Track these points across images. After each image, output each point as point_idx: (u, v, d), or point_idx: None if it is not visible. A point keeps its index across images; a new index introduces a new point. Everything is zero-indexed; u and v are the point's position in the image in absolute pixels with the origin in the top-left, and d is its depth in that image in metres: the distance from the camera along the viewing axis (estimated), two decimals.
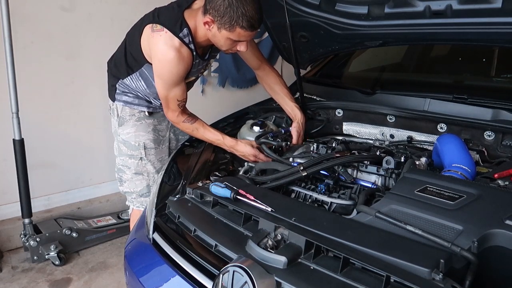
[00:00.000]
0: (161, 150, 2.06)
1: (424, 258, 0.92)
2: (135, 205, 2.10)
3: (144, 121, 1.99)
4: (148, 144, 1.99)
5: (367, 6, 1.62)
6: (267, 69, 2.00)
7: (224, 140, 1.77)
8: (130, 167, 2.02)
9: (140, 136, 1.98)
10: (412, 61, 2.45)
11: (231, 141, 1.76)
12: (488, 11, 1.35)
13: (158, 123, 2.04)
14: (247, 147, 1.72)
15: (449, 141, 1.43)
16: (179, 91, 1.74)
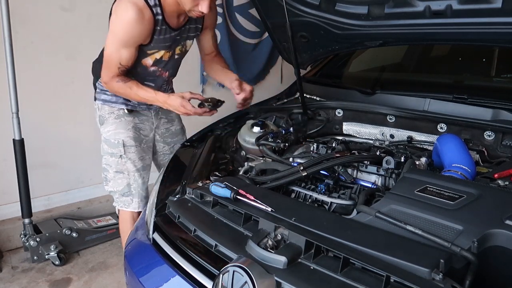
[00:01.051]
0: (142, 149, 2.05)
1: (424, 258, 0.92)
2: (119, 205, 2.10)
3: (124, 119, 1.99)
4: (127, 142, 1.99)
5: (367, 6, 1.62)
6: (218, 56, 2.11)
7: (157, 96, 1.78)
8: (111, 165, 2.02)
9: (120, 134, 1.98)
10: (412, 61, 2.45)
11: (163, 96, 1.78)
12: (488, 11, 1.35)
13: (139, 121, 2.04)
14: (177, 99, 1.73)
15: (449, 141, 1.43)
16: (127, 54, 1.73)
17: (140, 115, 2.05)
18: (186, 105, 1.72)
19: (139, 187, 2.06)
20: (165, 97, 1.77)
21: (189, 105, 1.72)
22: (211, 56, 2.10)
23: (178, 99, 1.73)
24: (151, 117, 2.09)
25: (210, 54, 2.09)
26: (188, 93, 1.75)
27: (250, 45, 3.67)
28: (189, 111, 1.72)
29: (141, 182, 2.07)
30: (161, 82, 2.00)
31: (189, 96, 1.74)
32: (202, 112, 1.74)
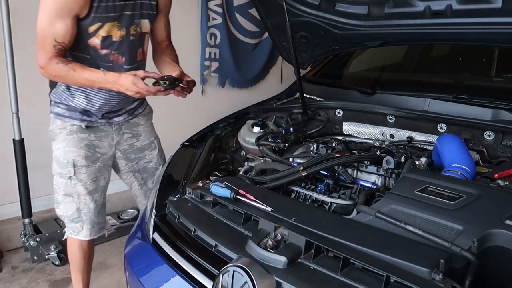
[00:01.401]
0: (97, 169, 1.81)
1: (424, 258, 0.92)
2: (69, 232, 1.86)
3: (77, 135, 1.74)
4: (78, 161, 1.74)
5: (367, 6, 1.62)
6: (169, 46, 1.89)
7: (106, 76, 1.53)
8: (60, 187, 1.78)
9: (70, 152, 1.74)
10: (412, 61, 2.45)
11: (114, 76, 1.53)
12: (488, 11, 1.35)
13: (96, 138, 1.79)
14: (129, 77, 1.51)
15: (449, 141, 1.43)
16: (62, 29, 1.50)
17: (98, 131, 1.79)
18: (138, 83, 1.50)
19: (90, 212, 1.82)
20: (116, 76, 1.52)
21: (140, 83, 1.50)
22: (162, 46, 1.87)
23: (130, 77, 1.50)
24: (112, 132, 1.83)
25: (162, 43, 1.87)
26: (141, 71, 1.55)
27: (250, 45, 3.67)
28: (140, 89, 1.50)
29: (93, 206, 1.82)
30: (119, 70, 1.66)
31: (143, 74, 1.53)
32: (156, 90, 1.52)
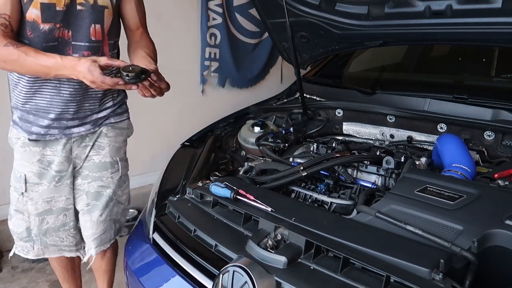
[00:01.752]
0: (51, 189, 1.56)
1: (424, 258, 0.92)
2: (17, 249, 1.65)
3: (29, 148, 1.52)
4: (30, 178, 1.53)
5: (367, 6, 1.62)
6: (144, 36, 1.61)
7: (63, 61, 1.29)
8: (13, 201, 1.59)
9: (23, 166, 1.54)
10: (412, 61, 2.45)
11: (72, 60, 1.28)
12: (488, 11, 1.35)
13: (51, 153, 1.53)
14: (86, 63, 1.26)
15: (449, 141, 1.43)
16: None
17: (53, 144, 1.53)
18: (93, 71, 1.24)
19: (41, 233, 1.60)
20: (74, 61, 1.28)
21: (96, 71, 1.25)
22: (136, 35, 1.60)
23: (87, 62, 1.26)
24: (70, 145, 1.55)
25: (135, 32, 1.60)
26: (104, 58, 1.30)
27: (250, 45, 3.67)
28: (95, 78, 1.25)
29: (45, 228, 1.60)
30: (66, 49, 1.41)
31: (104, 61, 1.28)
32: (113, 83, 1.26)
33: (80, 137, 1.56)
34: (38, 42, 1.35)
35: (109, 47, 1.51)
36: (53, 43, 1.38)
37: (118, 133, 1.65)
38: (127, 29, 1.60)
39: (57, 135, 1.51)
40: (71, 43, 1.40)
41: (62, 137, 1.52)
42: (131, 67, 1.28)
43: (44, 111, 1.47)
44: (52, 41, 1.37)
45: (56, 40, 1.38)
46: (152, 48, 1.58)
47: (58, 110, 1.47)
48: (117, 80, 1.25)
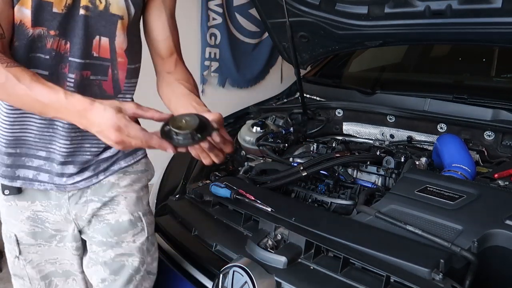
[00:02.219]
0: (54, 249, 1.14)
1: (424, 258, 0.93)
2: None
3: (14, 203, 1.09)
4: (22, 239, 1.12)
5: (367, 6, 1.62)
6: (180, 65, 1.16)
7: (68, 99, 0.85)
8: (9, 264, 1.19)
9: (11, 225, 1.12)
10: (412, 61, 2.45)
11: (81, 101, 0.85)
12: (488, 11, 1.35)
13: (43, 209, 1.10)
14: (109, 113, 0.83)
15: (449, 141, 1.43)
16: None
17: (42, 197, 1.09)
18: (126, 127, 0.83)
19: None
20: (85, 103, 0.85)
21: (133, 128, 0.83)
22: (170, 63, 1.14)
23: (111, 111, 0.83)
24: (65, 201, 1.09)
25: (168, 59, 1.14)
26: (131, 104, 0.87)
27: (250, 45, 3.67)
28: (132, 139, 0.84)
29: None
30: (60, 66, 0.99)
31: (133, 110, 0.86)
32: (159, 146, 0.85)
33: (78, 191, 1.09)
34: (23, 53, 0.95)
35: (127, 73, 1.05)
36: (43, 55, 0.96)
37: (134, 179, 1.16)
38: (155, 55, 1.14)
39: (46, 184, 1.06)
40: (68, 59, 0.98)
41: (52, 189, 1.06)
42: (184, 119, 0.83)
43: (31, 147, 1.04)
44: (42, 53, 0.96)
45: (48, 53, 0.96)
46: (193, 82, 1.13)
47: (47, 147, 1.04)
48: (165, 144, 0.83)
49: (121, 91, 1.07)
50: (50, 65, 0.97)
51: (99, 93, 1.03)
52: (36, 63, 0.96)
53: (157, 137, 0.83)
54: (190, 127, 0.81)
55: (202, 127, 0.82)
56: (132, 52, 1.07)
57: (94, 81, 1.02)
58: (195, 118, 0.82)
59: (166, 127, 0.83)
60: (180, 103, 1.04)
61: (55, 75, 0.98)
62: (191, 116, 0.84)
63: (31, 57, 0.96)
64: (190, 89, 1.07)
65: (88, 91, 1.01)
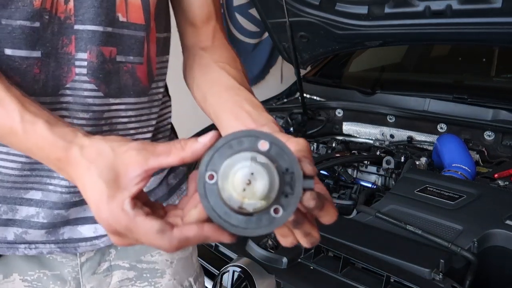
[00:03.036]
0: None
1: (424, 258, 0.92)
2: None
3: None
4: None
5: (367, 6, 1.62)
6: (218, 38, 0.70)
7: (25, 130, 0.44)
8: None
9: None
10: (412, 61, 2.45)
11: (50, 139, 0.44)
12: (488, 11, 1.35)
13: (27, 285, 0.64)
14: (96, 187, 0.40)
15: (449, 141, 1.43)
16: None
17: (29, 266, 0.64)
18: (137, 229, 0.39)
19: None
20: (56, 146, 0.43)
21: (144, 226, 0.39)
22: (206, 34, 0.69)
23: (100, 192, 0.40)
24: (72, 270, 0.66)
25: (204, 28, 0.69)
26: (163, 147, 0.41)
27: (250, 45, 3.67)
28: (144, 241, 0.40)
29: None
30: (62, 49, 0.55)
31: (157, 163, 0.41)
32: (202, 238, 0.39)
33: (97, 251, 0.68)
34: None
35: (158, 47, 0.66)
36: (26, 22, 0.52)
37: None
38: (183, 22, 0.70)
39: (41, 244, 0.62)
40: (74, 28, 0.55)
41: (52, 251, 0.63)
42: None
43: (12, 186, 0.59)
44: (24, 18, 0.52)
45: (35, 17, 0.52)
46: (242, 67, 0.67)
47: (43, 183, 0.60)
48: (216, 235, 0.39)
49: (154, 78, 0.66)
50: (41, 39, 0.53)
51: (131, 85, 0.61)
52: (15, 37, 0.52)
53: (193, 227, 0.39)
54: (263, 189, 0.36)
55: (282, 181, 0.37)
56: (161, 9, 0.65)
57: (124, 65, 0.60)
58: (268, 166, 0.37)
59: (209, 184, 0.38)
60: (222, 107, 0.58)
61: (51, 58, 0.55)
62: None
63: (2, 28, 0.51)
64: (238, 79, 0.61)
65: (115, 82, 0.59)
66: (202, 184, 0.38)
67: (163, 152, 0.41)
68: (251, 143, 0.38)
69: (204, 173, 0.38)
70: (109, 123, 0.61)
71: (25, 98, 0.47)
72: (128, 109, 0.62)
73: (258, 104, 0.56)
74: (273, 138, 0.38)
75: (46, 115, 0.45)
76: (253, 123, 0.52)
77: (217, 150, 0.38)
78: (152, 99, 0.66)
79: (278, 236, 0.45)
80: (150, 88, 0.65)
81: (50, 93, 0.56)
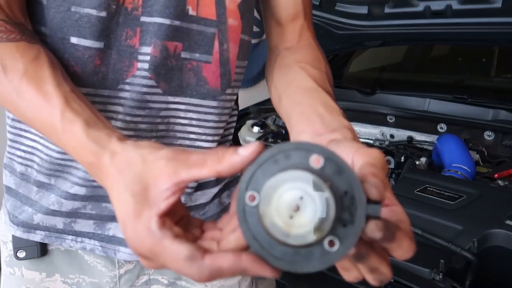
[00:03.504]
0: None
1: (424, 258, 0.92)
2: None
3: (19, 271, 0.64)
4: None
5: (367, 6, 1.62)
6: (305, 36, 0.64)
7: (64, 127, 0.42)
8: None
9: None
10: (412, 61, 2.45)
11: (85, 140, 0.40)
12: (488, 11, 1.35)
13: (63, 280, 0.64)
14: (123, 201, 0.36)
15: (449, 141, 1.43)
16: None
17: (72, 268, 0.64)
18: (164, 251, 0.33)
19: None
20: (89, 147, 0.40)
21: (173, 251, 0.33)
22: (291, 32, 0.64)
23: (128, 205, 0.35)
24: (110, 280, 0.65)
25: (290, 26, 0.64)
26: (195, 156, 0.35)
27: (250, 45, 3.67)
28: (171, 267, 0.34)
29: None
30: (126, 41, 0.53)
31: (189, 176, 0.34)
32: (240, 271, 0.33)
33: (138, 264, 0.66)
34: (55, 10, 0.51)
35: (240, 49, 0.61)
36: (93, 10, 0.51)
37: None
38: (269, 19, 0.67)
39: (88, 240, 0.62)
40: (140, 20, 0.53)
41: (97, 249, 0.62)
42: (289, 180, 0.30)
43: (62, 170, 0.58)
44: (90, 6, 0.50)
45: (101, 7, 0.51)
46: (326, 67, 0.60)
47: None
48: (256, 268, 0.34)
49: (231, 83, 0.61)
50: (105, 30, 0.52)
51: (195, 84, 0.57)
52: (81, 25, 0.51)
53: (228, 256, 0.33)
54: (314, 217, 0.30)
55: (339, 207, 0.30)
56: (249, 7, 0.60)
57: (188, 62, 0.56)
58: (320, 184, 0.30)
59: (250, 206, 0.32)
60: (295, 109, 0.52)
61: (113, 49, 0.53)
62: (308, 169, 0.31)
63: (70, 15, 0.51)
64: (318, 80, 0.55)
65: (176, 80, 0.56)
66: (241, 206, 0.31)
67: (196, 163, 0.35)
68: (301, 158, 0.31)
69: (244, 192, 0.31)
70: (165, 122, 0.58)
71: (72, 94, 0.44)
72: (188, 110, 0.58)
73: (334, 108, 0.50)
74: (329, 152, 0.31)
75: (87, 113, 0.42)
76: (323, 128, 0.46)
77: (260, 166, 0.32)
78: (224, 105, 0.61)
79: (339, 268, 0.38)
80: (224, 93, 0.60)
81: (108, 86, 0.54)
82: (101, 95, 0.54)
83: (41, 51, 0.47)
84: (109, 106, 0.54)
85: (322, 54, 0.63)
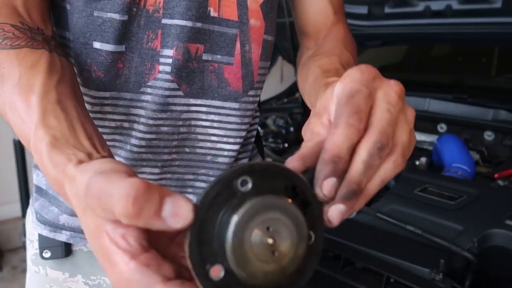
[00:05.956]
0: None
1: (424, 258, 0.92)
2: None
3: (43, 270, 0.65)
4: None
5: (367, 6, 1.62)
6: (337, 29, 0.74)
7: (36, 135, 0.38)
8: None
9: None
10: (412, 61, 2.45)
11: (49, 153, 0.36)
12: (488, 11, 1.35)
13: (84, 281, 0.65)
14: (86, 218, 0.30)
15: (449, 141, 1.43)
16: None
17: (94, 269, 0.65)
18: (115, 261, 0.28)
19: None
20: (65, 183, 0.33)
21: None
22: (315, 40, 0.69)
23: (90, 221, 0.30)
24: None
25: (321, 31, 0.70)
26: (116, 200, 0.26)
27: None
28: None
29: None
30: (147, 44, 0.53)
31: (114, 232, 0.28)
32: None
33: None
34: (79, 14, 0.51)
35: (263, 50, 0.60)
36: (115, 15, 0.51)
37: None
38: (300, 31, 0.71)
39: None
40: (161, 22, 0.53)
41: None
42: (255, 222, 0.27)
43: None
44: (112, 10, 0.51)
45: (123, 10, 0.51)
46: (341, 53, 0.61)
47: None
48: None
49: (254, 85, 0.60)
50: (127, 33, 0.52)
51: (216, 86, 0.57)
52: (104, 30, 0.51)
53: None
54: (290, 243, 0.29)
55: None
56: (272, 7, 0.59)
57: (210, 64, 0.56)
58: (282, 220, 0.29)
59: (217, 281, 0.26)
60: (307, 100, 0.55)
61: (135, 53, 0.53)
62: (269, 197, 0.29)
63: (93, 20, 0.51)
64: (324, 67, 0.51)
65: (197, 82, 0.56)
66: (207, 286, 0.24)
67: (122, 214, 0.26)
68: (229, 192, 0.26)
69: (200, 270, 0.24)
70: (187, 125, 0.58)
71: (55, 106, 0.39)
72: (210, 113, 0.58)
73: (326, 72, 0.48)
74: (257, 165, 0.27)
75: (60, 129, 0.37)
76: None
77: (203, 224, 0.25)
78: (246, 107, 0.60)
79: None
80: (247, 95, 0.59)
81: (131, 90, 0.54)
82: (124, 99, 0.54)
83: (43, 57, 0.44)
84: (131, 109, 0.55)
85: (352, 40, 0.68)
